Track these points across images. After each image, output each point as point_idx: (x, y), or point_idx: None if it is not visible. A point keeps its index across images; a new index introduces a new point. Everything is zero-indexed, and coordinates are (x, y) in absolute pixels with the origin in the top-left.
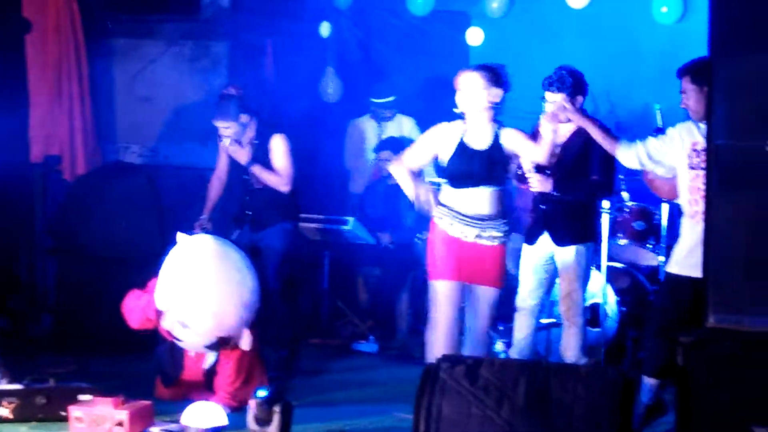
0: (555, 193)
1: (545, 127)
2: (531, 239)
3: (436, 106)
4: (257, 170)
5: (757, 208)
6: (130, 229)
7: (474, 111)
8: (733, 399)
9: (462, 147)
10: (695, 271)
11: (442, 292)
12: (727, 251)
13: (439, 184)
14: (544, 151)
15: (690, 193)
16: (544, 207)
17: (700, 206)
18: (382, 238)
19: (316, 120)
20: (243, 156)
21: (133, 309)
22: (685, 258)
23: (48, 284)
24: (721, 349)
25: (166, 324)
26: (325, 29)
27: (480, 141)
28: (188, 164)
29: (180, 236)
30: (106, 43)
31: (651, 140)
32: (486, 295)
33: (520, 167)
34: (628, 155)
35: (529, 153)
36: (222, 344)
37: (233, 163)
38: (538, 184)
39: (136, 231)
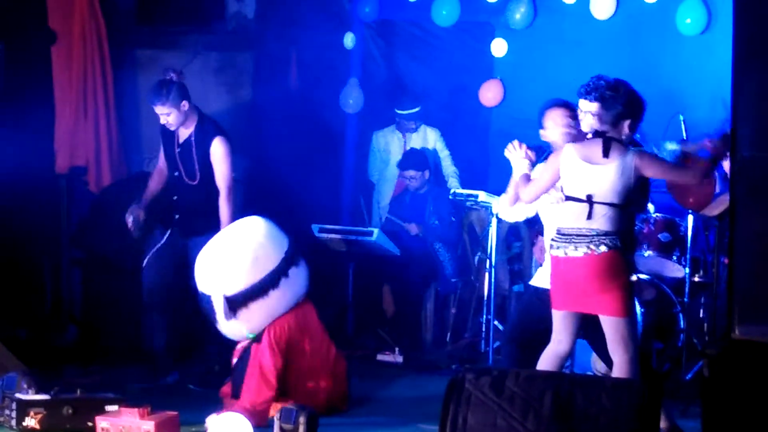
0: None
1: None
2: None
3: (460, 118)
4: None
5: None
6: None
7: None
8: (760, 412)
9: None
10: None
11: None
12: (752, 263)
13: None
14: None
15: None
16: None
17: None
18: (409, 228)
19: (339, 131)
20: None
21: None
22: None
23: (74, 295)
24: (746, 361)
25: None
26: (349, 40)
27: None
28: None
29: None
30: (131, 53)
31: None
32: None
33: None
34: None
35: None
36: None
37: (168, 157)
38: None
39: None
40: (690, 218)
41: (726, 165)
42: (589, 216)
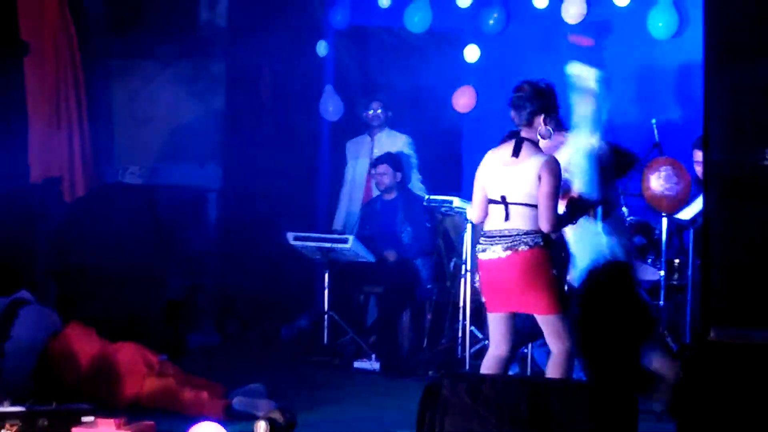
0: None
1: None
2: None
3: (433, 124)
4: None
5: (756, 222)
6: (129, 249)
7: None
8: (735, 413)
9: None
10: None
11: None
12: (726, 265)
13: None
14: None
15: None
16: None
17: None
18: (387, 255)
19: (313, 139)
20: None
21: None
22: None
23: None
24: (721, 363)
25: None
26: (322, 48)
27: None
28: (187, 184)
29: None
30: (103, 63)
31: None
32: None
33: None
34: None
35: None
36: None
37: None
38: None
39: (135, 251)
40: (664, 221)
41: (699, 168)
42: (507, 217)
